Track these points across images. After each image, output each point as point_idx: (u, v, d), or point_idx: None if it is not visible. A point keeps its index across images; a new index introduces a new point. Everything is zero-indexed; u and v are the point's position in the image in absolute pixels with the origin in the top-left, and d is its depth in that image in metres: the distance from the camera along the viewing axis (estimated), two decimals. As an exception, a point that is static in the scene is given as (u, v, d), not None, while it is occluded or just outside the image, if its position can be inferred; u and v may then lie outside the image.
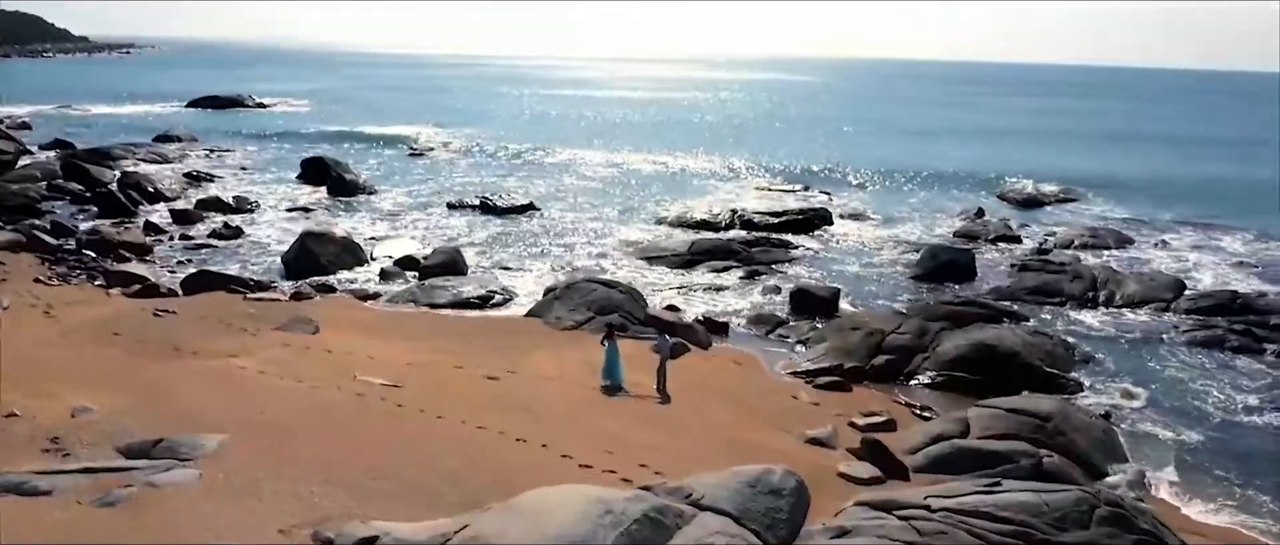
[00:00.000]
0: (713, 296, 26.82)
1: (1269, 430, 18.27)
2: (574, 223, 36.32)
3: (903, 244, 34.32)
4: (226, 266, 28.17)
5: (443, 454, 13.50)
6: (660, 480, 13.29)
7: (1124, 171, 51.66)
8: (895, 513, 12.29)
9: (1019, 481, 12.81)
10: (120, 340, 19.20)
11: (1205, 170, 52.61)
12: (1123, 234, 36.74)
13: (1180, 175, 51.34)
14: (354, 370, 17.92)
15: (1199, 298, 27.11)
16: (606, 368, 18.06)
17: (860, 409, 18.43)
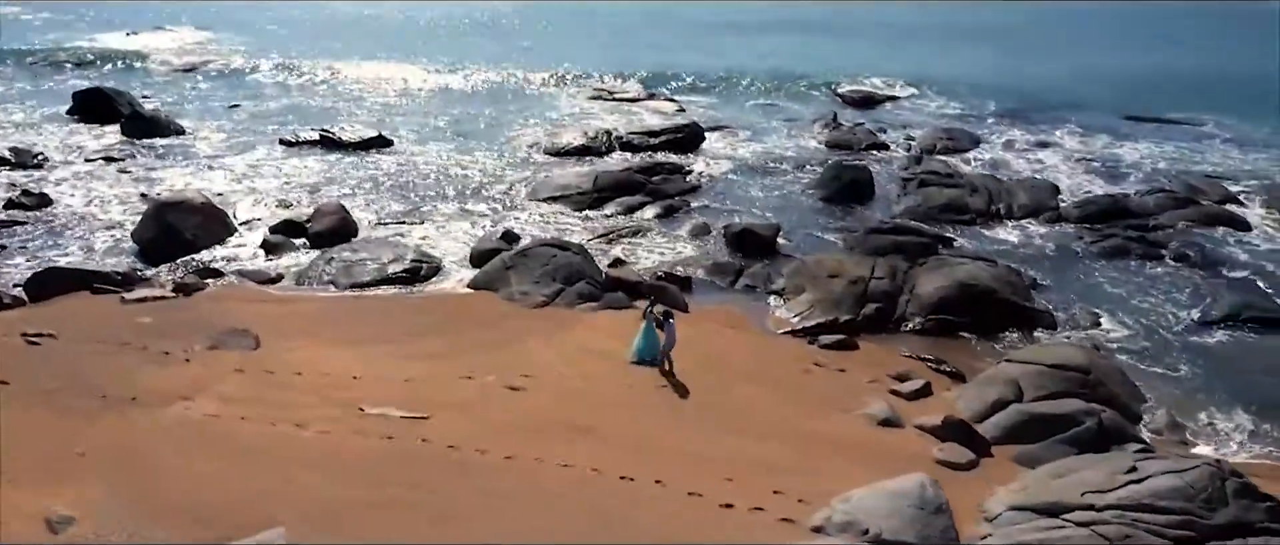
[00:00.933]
0: (646, 242, 25.51)
1: (1229, 346, 19.95)
2: (439, 159, 33.18)
3: (785, 160, 34.29)
4: (63, 253, 23.22)
5: (568, 517, 11.77)
6: (806, 509, 12.45)
7: (956, 67, 53.41)
8: (1065, 517, 12.13)
9: (1153, 462, 13.00)
10: (11, 391, 15.18)
11: (1036, 66, 55.39)
12: (972, 133, 38.73)
13: (1010, 69, 53.93)
14: (350, 399, 15.32)
15: (1083, 204, 29.14)
16: (646, 346, 16.68)
17: (883, 371, 18.24)
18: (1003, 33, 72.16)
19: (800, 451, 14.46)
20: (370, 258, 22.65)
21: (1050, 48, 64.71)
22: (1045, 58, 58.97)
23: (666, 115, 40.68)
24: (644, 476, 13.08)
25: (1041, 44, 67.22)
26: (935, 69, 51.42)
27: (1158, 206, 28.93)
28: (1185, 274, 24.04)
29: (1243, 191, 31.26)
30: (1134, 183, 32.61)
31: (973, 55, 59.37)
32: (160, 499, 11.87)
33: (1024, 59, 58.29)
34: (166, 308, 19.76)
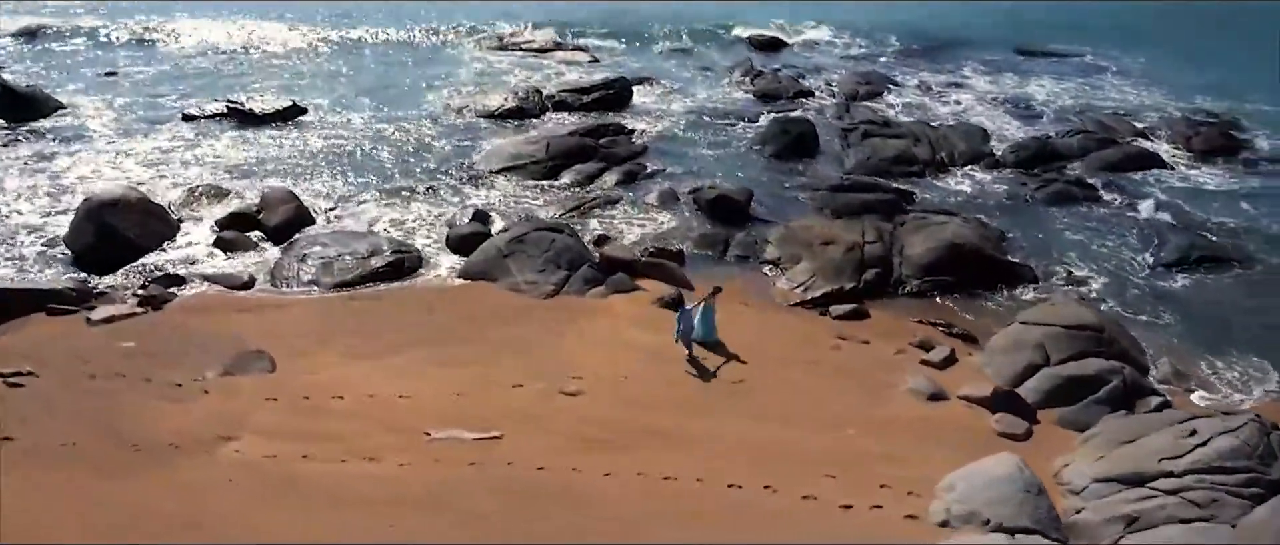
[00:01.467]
0: (619, 214, 25.25)
1: (1193, 290, 21.67)
2: (364, 128, 31.52)
3: (720, 114, 34.36)
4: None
5: (720, 538, 11.81)
6: (918, 501, 12.92)
7: (852, 6, 53.66)
8: (1151, 486, 13.07)
9: (1204, 422, 14.09)
10: (19, 449, 13.74)
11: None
12: (886, 76, 39.88)
13: (903, 6, 54.85)
14: (407, 424, 14.72)
15: (1016, 149, 30.62)
16: (706, 328, 16.77)
17: (904, 340, 18.88)
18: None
19: (874, 437, 14.88)
20: (345, 251, 21.49)
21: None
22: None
23: (583, 67, 39.97)
24: (751, 482, 13.19)
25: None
26: (834, 8, 52.17)
27: (1081, 148, 30.70)
28: (1129, 216, 25.81)
29: (1147, 126, 33.52)
30: (1048, 123, 34.49)
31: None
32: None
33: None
34: (142, 326, 18.24)
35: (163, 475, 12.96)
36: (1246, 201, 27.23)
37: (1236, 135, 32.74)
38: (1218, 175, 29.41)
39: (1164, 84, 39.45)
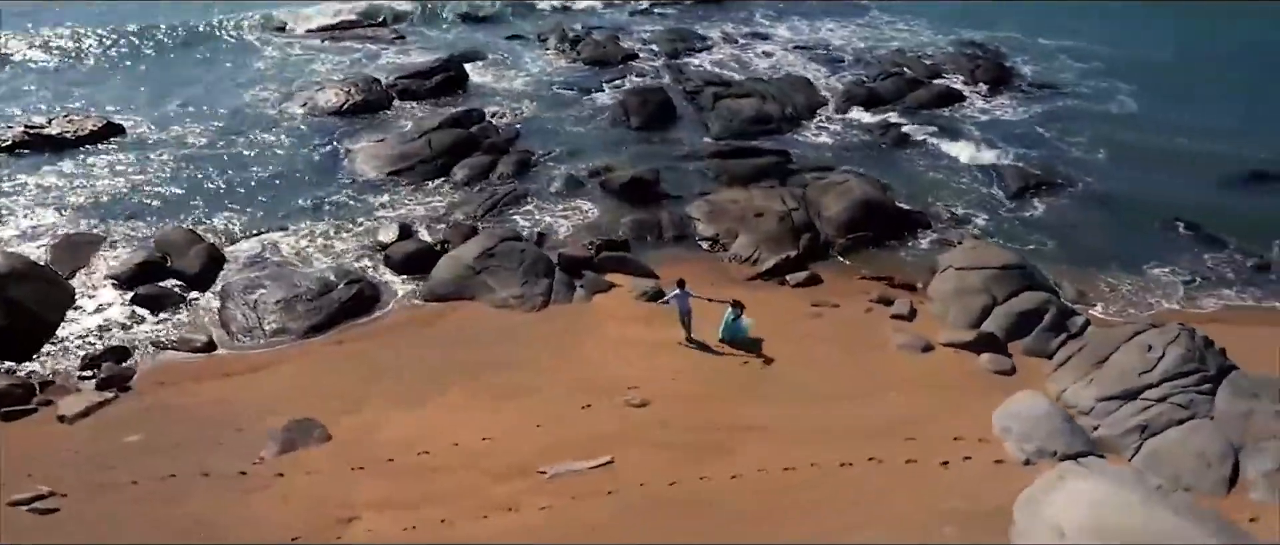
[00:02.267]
0: (535, 208, 25.78)
1: (1052, 215, 25.93)
2: (199, 142, 29.30)
3: (564, 86, 35.11)
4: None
5: (883, 510, 13.68)
6: (989, 446, 15.52)
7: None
8: (1144, 397, 16.52)
9: (1151, 335, 17.71)
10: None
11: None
12: (692, 31, 42.19)
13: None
14: (511, 466, 15.24)
15: (847, 95, 34.09)
16: (734, 328, 18.22)
17: (865, 298, 21.41)
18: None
19: (908, 395, 17.24)
20: (293, 291, 20.59)
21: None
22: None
23: (395, 47, 38.99)
24: (854, 457, 15.08)
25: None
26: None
27: (897, 91, 34.72)
28: (970, 152, 29.88)
29: (934, 63, 38.28)
30: (850, 67, 38.17)
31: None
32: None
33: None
34: (130, 414, 16.90)
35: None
36: (1040, 127, 32.30)
37: (1006, 65, 38.23)
38: (1008, 105, 34.43)
39: (924, 18, 44.70)
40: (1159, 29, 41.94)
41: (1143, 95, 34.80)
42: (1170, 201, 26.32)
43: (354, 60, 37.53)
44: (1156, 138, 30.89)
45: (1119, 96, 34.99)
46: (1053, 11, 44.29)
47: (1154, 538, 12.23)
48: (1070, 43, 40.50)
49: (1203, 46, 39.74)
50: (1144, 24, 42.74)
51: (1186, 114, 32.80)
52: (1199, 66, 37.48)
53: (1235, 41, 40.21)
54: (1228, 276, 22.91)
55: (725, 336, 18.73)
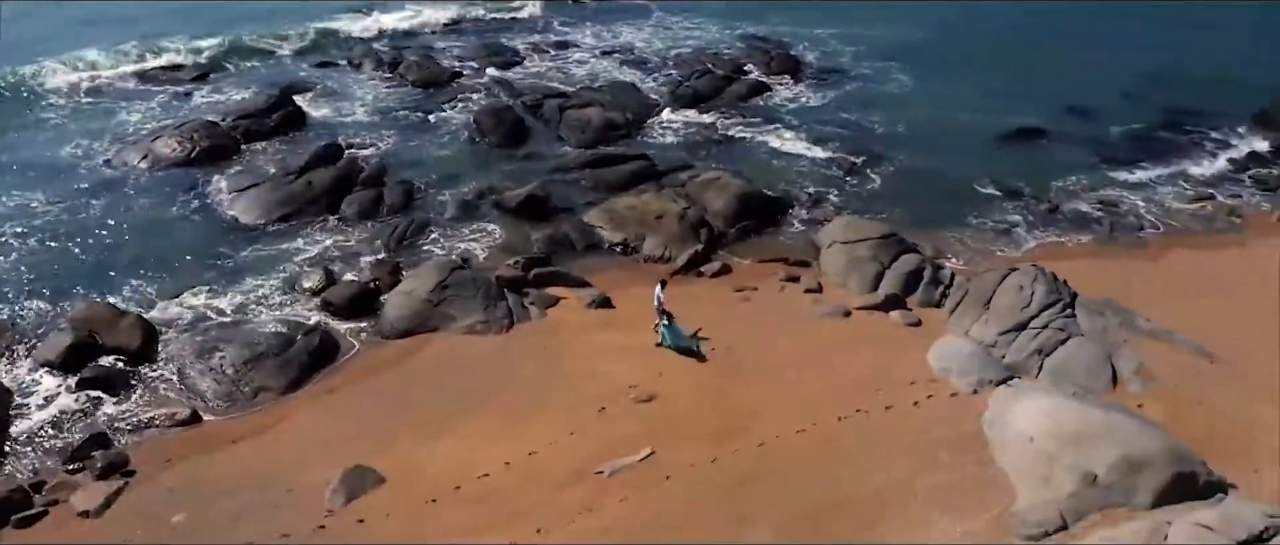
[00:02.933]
0: (442, 236, 26.85)
1: (889, 184, 30.46)
2: (50, 211, 27.39)
3: (408, 109, 35.71)
4: None
5: (909, 451, 16.88)
6: (946, 383, 19.27)
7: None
8: (1031, 327, 20.95)
9: (1018, 276, 22.24)
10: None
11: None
12: (502, 43, 43.87)
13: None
14: (565, 475, 17.06)
15: (674, 97, 37.31)
16: (676, 334, 20.58)
17: (775, 279, 24.64)
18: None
19: (854, 357, 20.60)
20: (254, 349, 20.64)
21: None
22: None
23: (203, 86, 37.47)
24: (845, 411, 18.21)
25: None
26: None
27: (716, 89, 38.39)
28: (797, 138, 34.03)
29: (734, 57, 42.41)
30: (663, 69, 41.37)
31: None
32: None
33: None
34: (153, 499, 16.88)
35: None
36: (842, 110, 37.15)
37: (792, 55, 43.07)
38: (808, 93, 39.06)
39: (703, 16, 48.84)
40: (908, 15, 48.63)
41: (913, 74, 40.72)
42: (968, 163, 31.76)
43: (164, 105, 35.82)
44: (937, 110, 36.57)
45: (895, 76, 40.68)
46: (814, 4, 49.85)
47: (1100, 428, 16.22)
48: (838, 31, 46.12)
49: (947, 29, 46.68)
50: (895, 12, 49.31)
51: (952, 87, 38.99)
52: (948, 46, 44.16)
53: (973, 23, 47.55)
54: (1032, 221, 28.31)
55: (671, 344, 20.87)
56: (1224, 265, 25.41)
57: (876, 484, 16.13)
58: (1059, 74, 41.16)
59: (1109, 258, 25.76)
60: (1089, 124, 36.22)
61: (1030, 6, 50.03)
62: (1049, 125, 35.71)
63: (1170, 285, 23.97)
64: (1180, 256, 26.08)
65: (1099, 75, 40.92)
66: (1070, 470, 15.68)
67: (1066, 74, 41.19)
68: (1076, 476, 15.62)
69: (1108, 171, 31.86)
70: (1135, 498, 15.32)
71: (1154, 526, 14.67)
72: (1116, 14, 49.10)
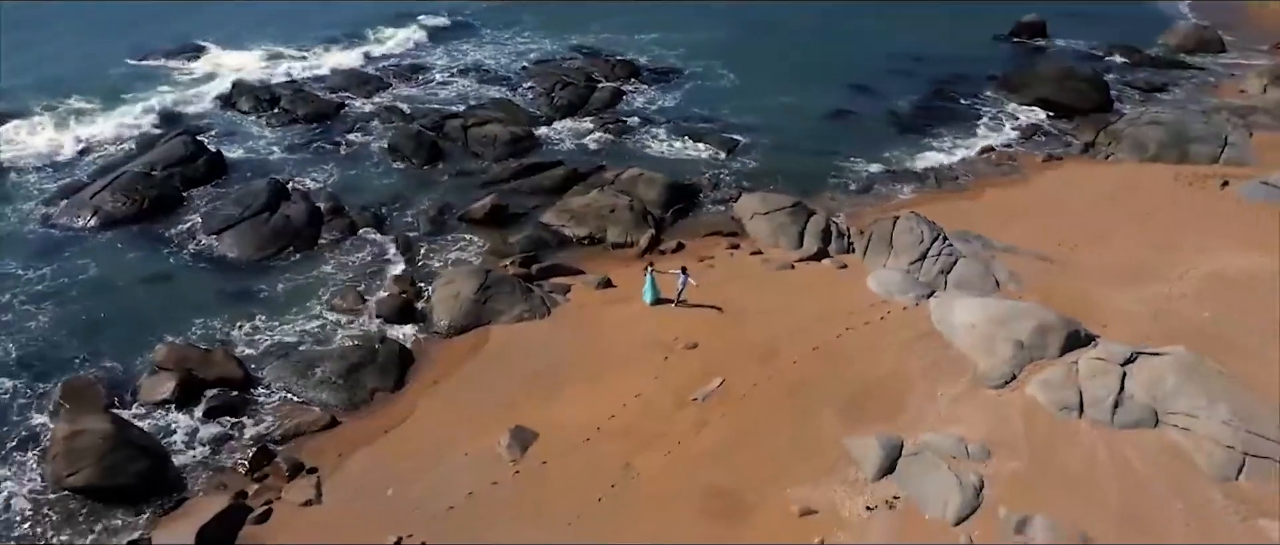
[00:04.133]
0: (436, 247, 30.94)
1: (759, 162, 37.85)
2: (40, 281, 28.18)
3: (319, 145, 38.54)
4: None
5: (881, 361, 24.06)
6: (888, 306, 26.88)
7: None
8: (930, 256, 29.07)
9: (911, 223, 30.29)
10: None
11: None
12: (361, 72, 47.06)
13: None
14: (671, 403, 22.76)
15: (553, 107, 42.72)
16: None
17: (721, 249, 31.18)
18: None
19: (812, 296, 27.48)
20: (353, 361, 24.19)
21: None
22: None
23: (94, 144, 37.97)
24: (839, 330, 25.11)
25: None
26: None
27: (582, 97, 44.02)
28: (671, 133, 40.60)
29: (582, 68, 48.18)
30: (524, 82, 46.35)
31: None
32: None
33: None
34: (351, 481, 20.50)
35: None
36: (695, 105, 44.14)
37: (627, 60, 49.53)
38: (657, 94, 45.73)
39: (531, 31, 54.29)
40: (704, 19, 56.64)
41: (734, 70, 48.56)
42: (810, 140, 39.79)
43: (64, 165, 36.24)
44: (766, 99, 44.50)
45: (721, 73, 48.33)
46: (622, 11, 56.59)
47: (1013, 312, 24.14)
48: (656, 36, 53.23)
49: (747, 29, 55.14)
50: (691, 16, 57.14)
51: (769, 79, 47.18)
52: (752, 44, 52.62)
53: (763, 22, 56.28)
54: (882, 180, 36.66)
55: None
56: (1021, 196, 34.85)
57: (884, 372, 23.09)
58: (845, 61, 50.55)
59: (948, 201, 34.35)
60: (883, 100, 45.56)
61: (801, 7, 59.76)
62: (854, 106, 44.61)
63: (995, 215, 32.81)
64: (992, 194, 35.25)
65: (873, 60, 50.76)
66: (1005, 341, 23.41)
67: (851, 61, 50.65)
68: (1010, 345, 23.36)
69: (915, 137, 41.01)
70: (1048, 352, 23.28)
71: (1067, 367, 22.64)
72: (868, 11, 59.93)
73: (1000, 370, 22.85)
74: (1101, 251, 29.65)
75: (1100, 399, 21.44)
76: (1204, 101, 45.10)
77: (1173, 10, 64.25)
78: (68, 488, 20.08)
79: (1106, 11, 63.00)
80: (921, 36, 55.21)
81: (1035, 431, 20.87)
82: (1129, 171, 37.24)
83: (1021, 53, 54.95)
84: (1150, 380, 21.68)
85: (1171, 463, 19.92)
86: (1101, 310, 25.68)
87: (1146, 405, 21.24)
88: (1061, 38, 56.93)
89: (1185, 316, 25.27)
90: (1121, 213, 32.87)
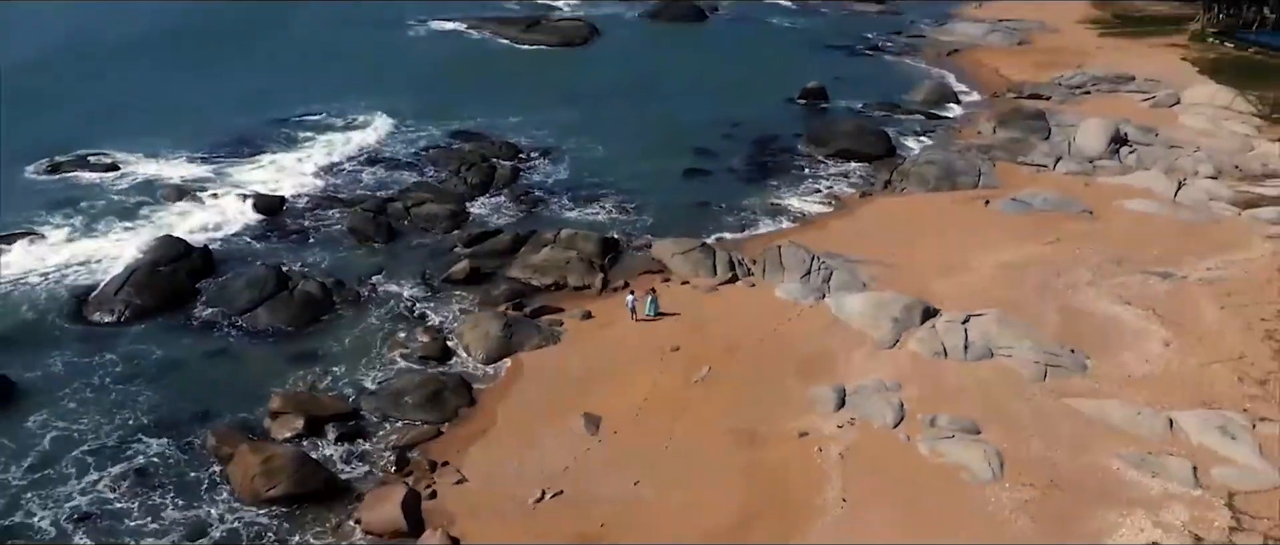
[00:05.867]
0: (442, 307, 39.02)
1: (612, 208, 48.38)
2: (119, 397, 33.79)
3: (288, 235, 45.24)
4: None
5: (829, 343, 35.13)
6: (794, 295, 38.30)
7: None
8: (813, 272, 40.75)
9: (788, 251, 41.79)
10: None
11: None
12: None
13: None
14: (683, 382, 32.59)
15: (464, 188, 51.36)
16: (652, 305, 36.48)
17: (660, 280, 41.31)
18: None
19: (744, 305, 38.18)
20: (432, 389, 32.19)
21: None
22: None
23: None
24: (780, 327, 35.83)
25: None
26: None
27: (488, 175, 52.81)
28: (572, 203, 50.28)
29: (471, 149, 56.85)
30: (421, 168, 54.51)
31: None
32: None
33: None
34: (485, 465, 28.77)
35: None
36: (583, 175, 54.05)
37: (511, 142, 58.72)
38: (547, 167, 55.28)
39: (414, 119, 62.25)
40: (554, 100, 66.82)
41: (601, 144, 58.69)
42: (683, 194, 50.67)
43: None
44: (636, 165, 54.83)
45: (590, 146, 58.34)
46: (477, 98, 65.57)
47: (883, 298, 35.83)
48: (520, 118, 62.65)
49: (593, 108, 65.77)
50: (539, 99, 67.16)
51: (631, 149, 57.71)
52: (606, 121, 63.14)
53: (603, 100, 67.16)
54: (745, 224, 48.02)
55: (650, 312, 36.70)
56: (853, 224, 47.19)
57: (814, 348, 33.91)
58: (680, 129, 61.56)
59: (805, 232, 45.90)
60: (723, 158, 57.08)
61: (621, 88, 71.33)
62: (703, 165, 55.72)
63: (841, 238, 44.69)
64: (833, 224, 47.33)
65: (701, 127, 62.57)
66: (886, 319, 34.94)
67: (684, 129, 61.92)
68: (889, 321, 34.92)
69: (761, 185, 52.75)
70: (914, 322, 35.00)
71: (929, 329, 34.40)
72: (678, 87, 72.42)
73: (888, 337, 34.28)
74: (920, 256, 42.13)
75: (956, 345, 33.23)
76: (956, 143, 60.14)
77: (916, 71, 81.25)
78: (267, 500, 26.73)
79: (867, 75, 79.07)
80: (729, 104, 67.68)
81: (922, 369, 32.26)
82: (920, 200, 50.74)
83: (812, 113, 68.67)
84: (981, 331, 33.73)
85: (1006, 376, 31.84)
86: (936, 293, 37.82)
87: (983, 345, 33.23)
88: (839, 99, 71.49)
89: (991, 291, 37.90)
90: (925, 229, 45.84)
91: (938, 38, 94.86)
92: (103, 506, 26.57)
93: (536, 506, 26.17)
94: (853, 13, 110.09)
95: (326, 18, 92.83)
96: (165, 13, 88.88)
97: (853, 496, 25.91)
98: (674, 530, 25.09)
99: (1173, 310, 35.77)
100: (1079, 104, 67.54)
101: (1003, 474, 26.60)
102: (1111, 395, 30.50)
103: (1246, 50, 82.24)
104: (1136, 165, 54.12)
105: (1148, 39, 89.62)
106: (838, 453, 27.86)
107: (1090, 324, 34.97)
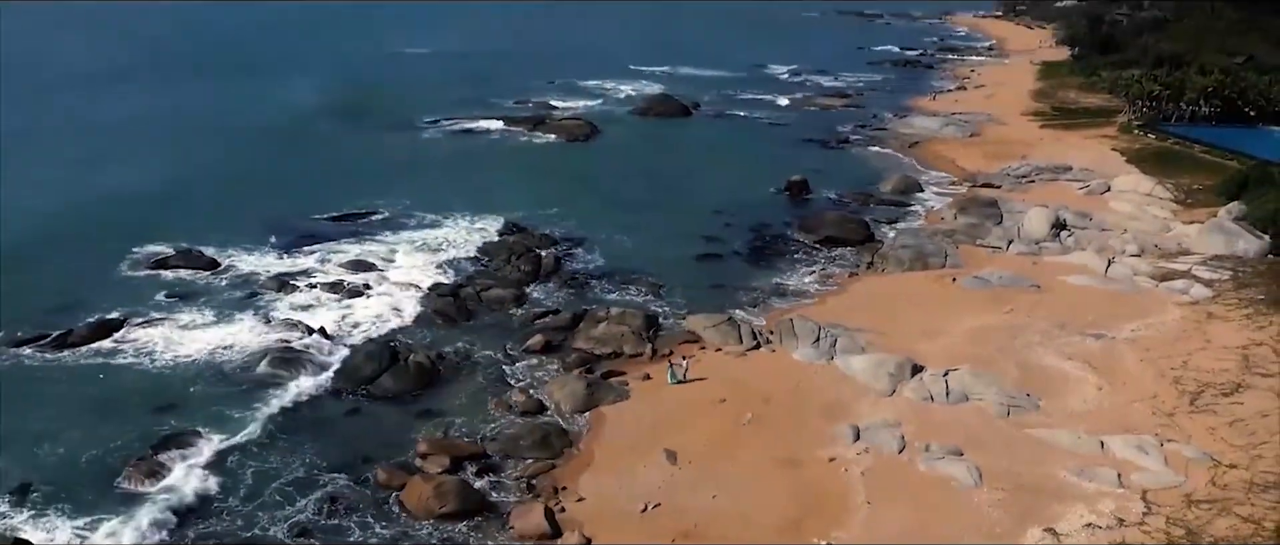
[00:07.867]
0: (517, 377, 48.78)
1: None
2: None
3: (365, 321, 54.88)
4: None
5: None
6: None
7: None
8: (825, 336, 51.37)
9: (799, 323, 52.22)
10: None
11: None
12: (283, 277, 63.21)
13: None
14: (736, 426, 42.65)
15: (517, 271, 61.43)
16: (673, 373, 46.48)
17: (700, 348, 51.42)
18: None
19: (770, 367, 48.35)
20: (543, 433, 41.76)
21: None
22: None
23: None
24: (794, 383, 46.03)
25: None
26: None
27: (535, 265, 62.89)
28: (614, 288, 60.45)
29: (519, 242, 66.91)
30: (480, 260, 64.55)
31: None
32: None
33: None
34: (597, 488, 38.43)
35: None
36: (619, 263, 64.29)
37: (547, 234, 68.95)
38: (585, 256, 65.46)
39: (453, 212, 72.31)
40: (582, 193, 77.30)
41: (625, 234, 69.09)
42: (702, 276, 61.13)
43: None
44: (659, 251, 65.27)
45: (617, 237, 68.57)
46: (513, 193, 75.94)
47: (880, 358, 46.19)
48: (556, 210, 73.05)
49: (613, 203, 76.43)
50: (572, 193, 77.73)
51: (653, 238, 68.14)
52: (626, 213, 73.61)
53: (619, 195, 77.80)
54: (758, 300, 58.40)
55: (671, 380, 46.55)
56: (848, 299, 57.74)
57: (831, 397, 44.01)
58: (687, 220, 72.43)
59: (810, 308, 56.49)
60: (727, 244, 67.91)
61: (628, 179, 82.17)
62: (712, 250, 66.38)
63: (840, 311, 55.19)
64: (831, 300, 57.84)
65: (704, 218, 73.41)
66: (884, 374, 45.22)
67: (690, 220, 72.82)
68: (886, 376, 45.25)
69: (765, 268, 63.31)
70: (906, 376, 45.34)
71: (918, 381, 44.75)
72: (675, 184, 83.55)
73: (887, 388, 44.53)
74: (904, 325, 52.65)
75: (939, 393, 43.56)
76: (924, 229, 71.43)
77: (885, 161, 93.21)
78: (438, 516, 35.94)
79: (841, 167, 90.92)
80: (723, 194, 78.78)
81: (915, 411, 42.44)
82: (899, 278, 61.58)
83: (797, 203, 79.86)
84: (958, 381, 44.14)
85: (979, 415, 42.14)
86: (920, 353, 48.21)
87: (960, 392, 43.60)
88: (820, 188, 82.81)
89: (963, 352, 48.43)
90: (906, 302, 56.51)
91: (898, 130, 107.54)
92: (314, 523, 35.41)
93: (643, 515, 35.56)
94: (821, 107, 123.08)
95: (337, 125, 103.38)
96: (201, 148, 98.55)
97: (874, 500, 35.70)
98: (746, 529, 34.63)
99: (1104, 363, 46.45)
100: (1025, 192, 79.42)
101: (981, 482, 36.60)
102: (1059, 426, 40.80)
103: (1166, 141, 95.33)
104: (1074, 246, 65.52)
105: (1082, 130, 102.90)
106: (860, 471, 37.70)
107: (1041, 375, 45.46)
